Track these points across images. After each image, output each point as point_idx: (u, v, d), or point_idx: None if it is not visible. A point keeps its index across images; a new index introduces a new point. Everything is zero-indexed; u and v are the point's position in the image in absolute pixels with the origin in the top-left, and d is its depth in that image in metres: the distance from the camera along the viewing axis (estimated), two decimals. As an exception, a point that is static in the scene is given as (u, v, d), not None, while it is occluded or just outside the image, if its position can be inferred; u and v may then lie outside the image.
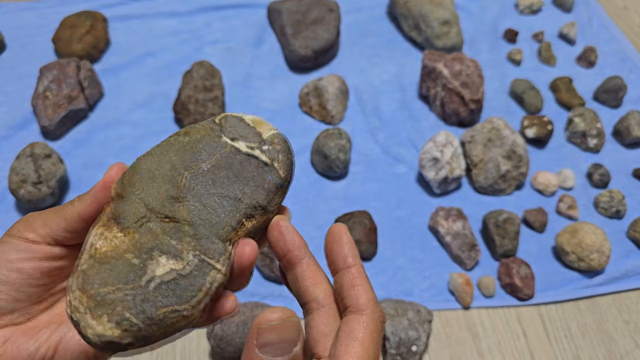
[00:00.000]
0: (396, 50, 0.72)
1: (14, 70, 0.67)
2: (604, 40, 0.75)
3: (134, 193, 0.19)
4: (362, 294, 0.19)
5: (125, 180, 0.19)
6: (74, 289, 0.18)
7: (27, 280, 0.20)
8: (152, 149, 0.20)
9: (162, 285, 0.17)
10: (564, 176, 0.59)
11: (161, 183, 0.19)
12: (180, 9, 0.75)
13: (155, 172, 0.19)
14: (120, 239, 0.18)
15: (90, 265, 0.18)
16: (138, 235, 0.18)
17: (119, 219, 0.18)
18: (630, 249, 0.55)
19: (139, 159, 0.20)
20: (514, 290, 0.50)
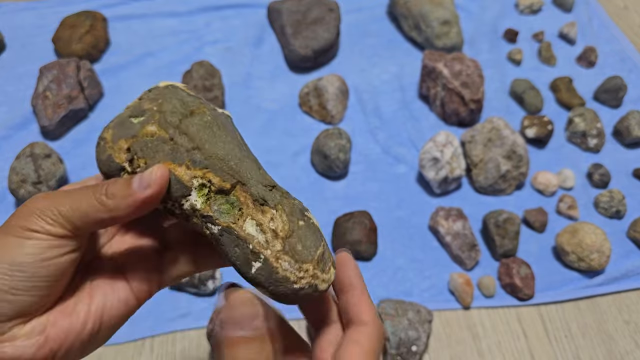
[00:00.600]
0: (396, 50, 0.72)
1: (13, 70, 0.67)
2: (604, 40, 0.75)
3: (249, 178, 0.21)
4: (366, 310, 0.21)
5: (230, 171, 0.20)
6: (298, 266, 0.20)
7: (47, 281, 0.19)
8: (194, 134, 0.21)
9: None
10: (564, 176, 0.59)
11: (250, 163, 0.21)
12: (180, 9, 0.75)
13: (238, 156, 0.21)
14: (280, 216, 0.20)
15: (290, 245, 0.20)
16: (282, 207, 0.21)
17: (265, 202, 0.20)
18: (630, 249, 0.55)
19: (204, 151, 0.20)
20: (514, 290, 0.50)
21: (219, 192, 0.20)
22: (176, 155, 0.20)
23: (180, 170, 0.20)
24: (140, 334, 0.47)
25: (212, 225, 0.20)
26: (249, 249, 0.20)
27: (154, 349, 0.47)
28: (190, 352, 0.47)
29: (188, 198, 0.20)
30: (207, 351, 0.47)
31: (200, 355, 0.47)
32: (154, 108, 0.21)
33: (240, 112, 0.65)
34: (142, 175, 0.19)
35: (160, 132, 0.20)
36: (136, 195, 0.18)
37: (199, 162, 0.20)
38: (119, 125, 0.21)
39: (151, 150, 0.20)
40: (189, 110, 0.21)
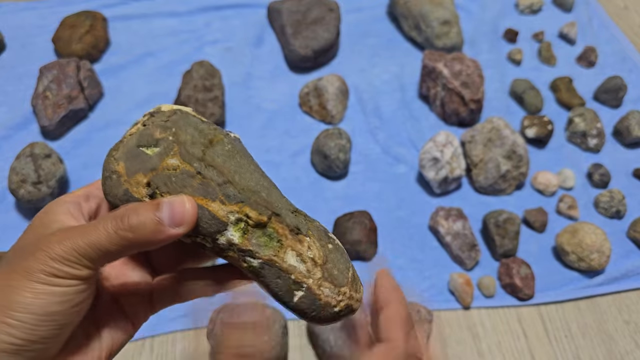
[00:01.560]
0: (396, 50, 0.72)
1: (13, 70, 0.67)
2: (604, 40, 0.75)
3: (280, 208, 0.21)
4: (393, 328, 0.22)
5: (263, 203, 0.20)
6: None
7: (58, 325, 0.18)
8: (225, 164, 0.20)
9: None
10: (564, 176, 0.59)
11: (276, 190, 0.21)
12: (180, 9, 0.75)
13: (265, 185, 0.21)
14: (314, 242, 0.21)
15: (328, 271, 0.21)
16: (312, 233, 0.21)
17: (300, 231, 0.21)
18: (630, 249, 0.55)
19: (229, 186, 0.20)
20: (514, 291, 0.50)
21: (256, 225, 0.20)
22: (207, 190, 0.19)
23: (215, 205, 0.19)
24: (140, 333, 0.47)
25: (252, 259, 0.20)
26: (291, 280, 0.20)
27: (154, 348, 0.47)
28: (190, 352, 0.47)
29: (224, 233, 0.19)
30: (206, 351, 0.47)
31: (200, 355, 0.47)
32: (170, 138, 0.20)
33: (240, 112, 0.65)
34: (172, 210, 0.18)
35: (184, 165, 0.19)
36: (167, 232, 0.17)
37: (233, 197, 0.19)
38: (131, 157, 0.20)
39: (177, 185, 0.19)
40: (208, 139, 0.21)
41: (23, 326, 0.16)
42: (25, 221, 0.55)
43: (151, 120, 0.21)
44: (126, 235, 0.17)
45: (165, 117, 0.21)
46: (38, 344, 0.17)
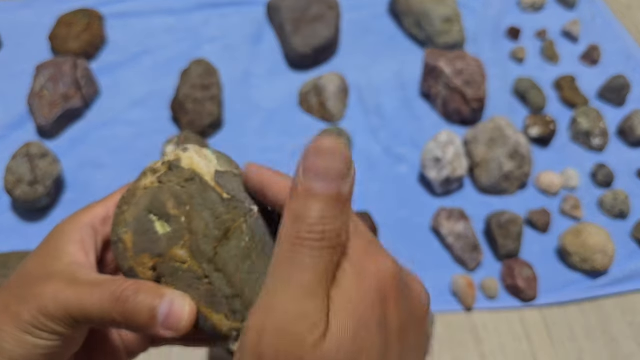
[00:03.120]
0: (397, 48, 0.72)
1: (9, 68, 0.67)
2: (608, 38, 0.74)
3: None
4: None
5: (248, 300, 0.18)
6: None
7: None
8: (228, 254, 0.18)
9: None
10: (568, 176, 0.59)
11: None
12: (177, 6, 0.75)
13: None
14: None
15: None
16: None
17: None
18: (634, 249, 0.54)
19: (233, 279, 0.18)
20: (517, 292, 0.50)
21: None
22: (214, 300, 0.18)
23: (217, 318, 0.18)
24: (138, 336, 0.47)
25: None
26: None
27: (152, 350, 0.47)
28: (188, 353, 0.46)
29: (225, 344, 0.18)
30: (206, 352, 0.46)
31: (198, 356, 0.46)
32: (182, 219, 0.18)
33: (239, 110, 0.64)
34: (170, 311, 0.17)
35: (191, 263, 0.18)
36: (155, 330, 0.17)
37: (239, 313, 0.18)
38: (140, 231, 0.18)
39: (183, 284, 0.18)
40: (224, 229, 0.18)
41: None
42: (22, 221, 0.54)
43: (168, 179, 0.19)
44: (117, 317, 0.17)
45: (182, 180, 0.19)
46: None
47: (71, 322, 0.17)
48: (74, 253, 0.19)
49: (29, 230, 0.53)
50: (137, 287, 0.17)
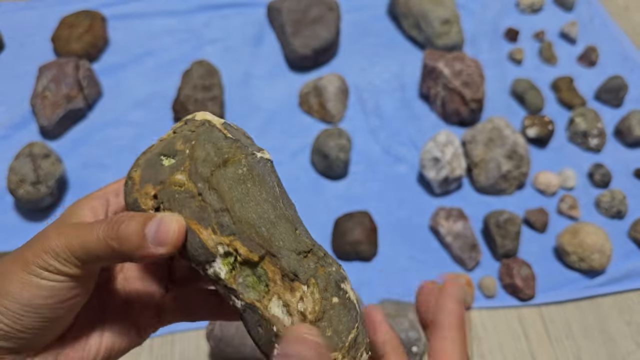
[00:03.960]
0: (397, 50, 0.72)
1: (12, 69, 0.67)
2: (605, 39, 0.74)
3: (280, 247, 0.19)
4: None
5: (260, 239, 0.18)
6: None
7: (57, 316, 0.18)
8: (229, 193, 0.19)
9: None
10: (565, 176, 0.59)
11: (285, 224, 0.19)
12: (179, 8, 0.75)
13: (271, 219, 0.19)
14: (312, 293, 0.18)
15: (318, 328, 0.18)
16: (315, 281, 0.19)
17: (297, 277, 0.18)
18: (631, 249, 0.54)
19: (234, 213, 0.18)
20: (515, 291, 0.50)
21: (245, 263, 0.18)
22: (203, 215, 0.18)
23: (206, 233, 0.18)
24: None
25: (236, 299, 0.18)
26: (272, 332, 0.18)
27: (153, 350, 0.47)
28: (189, 352, 0.47)
29: (212, 265, 0.18)
30: (206, 352, 0.47)
31: (200, 356, 0.47)
32: (186, 151, 0.19)
33: (239, 111, 0.65)
34: (158, 228, 0.17)
35: (188, 185, 0.19)
36: (148, 250, 0.17)
37: (226, 227, 0.18)
38: (148, 166, 0.19)
39: (178, 204, 0.18)
40: (223, 158, 0.19)
41: (9, 314, 0.17)
42: (24, 221, 0.54)
43: (182, 128, 0.20)
44: (112, 244, 0.17)
45: (193, 126, 0.20)
46: (25, 333, 0.17)
47: (73, 259, 0.17)
48: (83, 215, 0.19)
49: (31, 230, 0.54)
50: (130, 215, 0.18)
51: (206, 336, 0.45)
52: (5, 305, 0.17)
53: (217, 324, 0.44)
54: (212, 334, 0.44)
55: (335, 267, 0.20)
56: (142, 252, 0.17)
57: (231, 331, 0.44)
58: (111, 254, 0.18)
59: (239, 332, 0.44)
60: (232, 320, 0.23)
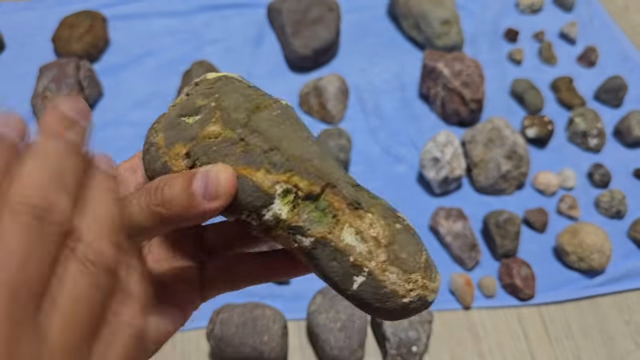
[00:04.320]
0: (396, 50, 0.72)
1: (13, 69, 0.67)
2: (604, 39, 0.75)
3: (337, 178, 0.18)
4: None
5: (316, 172, 0.17)
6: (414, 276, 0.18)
7: None
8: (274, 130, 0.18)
9: None
10: (565, 176, 0.59)
11: (332, 160, 0.19)
12: (179, 9, 0.75)
13: (319, 153, 0.18)
14: (378, 225, 0.18)
15: (394, 253, 0.18)
16: (375, 209, 0.18)
17: (360, 205, 0.18)
18: (630, 249, 0.54)
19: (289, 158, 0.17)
20: (515, 291, 0.50)
21: (307, 197, 0.17)
22: (251, 158, 0.17)
23: (259, 175, 0.17)
24: (140, 334, 0.47)
25: (302, 237, 0.17)
26: (349, 262, 0.17)
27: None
28: (189, 352, 0.47)
29: (270, 207, 0.17)
30: (206, 352, 0.47)
31: (200, 356, 0.47)
32: (212, 104, 0.18)
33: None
34: (207, 182, 0.16)
35: (225, 133, 0.17)
36: (201, 207, 0.16)
37: (280, 165, 0.17)
38: (170, 128, 0.18)
39: (218, 154, 0.17)
40: (254, 104, 0.18)
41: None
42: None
43: (195, 90, 0.19)
44: (159, 210, 0.16)
45: (209, 84, 0.19)
46: None
47: (121, 240, 0.16)
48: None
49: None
50: (168, 178, 0.16)
51: (206, 336, 0.45)
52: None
53: (217, 324, 0.44)
54: (212, 334, 0.44)
55: (385, 200, 0.19)
56: (195, 210, 0.16)
57: (231, 331, 0.44)
58: (159, 222, 0.16)
59: (239, 332, 0.44)
60: (282, 277, 0.21)
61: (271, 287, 0.51)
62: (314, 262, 0.18)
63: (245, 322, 0.44)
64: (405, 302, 0.17)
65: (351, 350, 0.44)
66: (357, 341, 0.45)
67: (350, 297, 0.18)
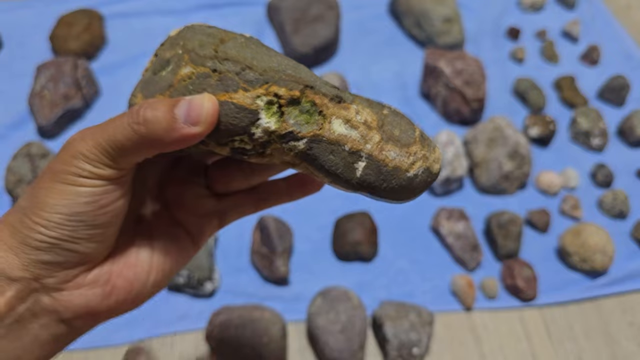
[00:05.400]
0: (397, 48, 0.72)
1: (10, 68, 0.67)
2: (607, 38, 0.74)
3: (314, 81, 0.18)
4: None
5: (292, 78, 0.18)
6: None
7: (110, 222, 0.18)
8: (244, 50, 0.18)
9: None
10: (567, 176, 0.59)
11: (305, 69, 0.19)
12: (177, 7, 0.75)
13: (291, 65, 0.18)
14: (364, 112, 0.18)
15: (387, 133, 0.18)
16: (359, 102, 0.19)
17: (342, 99, 0.18)
18: (633, 249, 0.54)
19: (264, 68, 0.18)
20: (517, 292, 0.50)
21: (290, 103, 0.17)
22: (227, 83, 0.17)
23: (238, 96, 0.17)
24: (138, 335, 0.47)
25: (296, 142, 0.17)
26: (345, 151, 0.17)
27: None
28: (189, 353, 0.47)
29: (258, 123, 0.17)
30: (206, 354, 0.46)
31: (200, 358, 0.46)
32: (179, 52, 0.19)
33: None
34: (189, 107, 0.16)
35: (197, 69, 0.18)
36: (182, 132, 0.16)
37: (255, 81, 0.17)
38: (147, 85, 0.19)
39: (196, 92, 0.17)
40: (219, 38, 0.18)
41: (51, 225, 0.17)
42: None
43: (162, 48, 0.20)
44: (139, 129, 0.16)
45: (173, 38, 0.20)
46: (70, 242, 0.17)
47: (104, 158, 0.17)
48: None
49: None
50: (152, 101, 0.17)
51: (205, 338, 0.45)
52: (45, 218, 0.17)
53: (217, 326, 0.44)
54: (211, 335, 0.44)
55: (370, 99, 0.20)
56: (175, 133, 0.16)
57: (230, 333, 0.43)
58: (139, 142, 0.17)
59: (238, 333, 0.43)
60: (292, 200, 0.22)
61: (270, 288, 0.50)
62: (314, 164, 0.18)
63: (244, 324, 0.43)
64: (411, 175, 0.18)
65: (351, 352, 0.44)
66: (357, 343, 0.44)
67: (358, 186, 0.18)
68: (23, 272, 0.17)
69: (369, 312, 0.48)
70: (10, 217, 0.18)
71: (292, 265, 0.52)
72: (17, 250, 0.17)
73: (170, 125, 0.16)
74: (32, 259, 0.17)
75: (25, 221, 0.17)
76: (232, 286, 0.50)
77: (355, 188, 0.18)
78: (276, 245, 0.49)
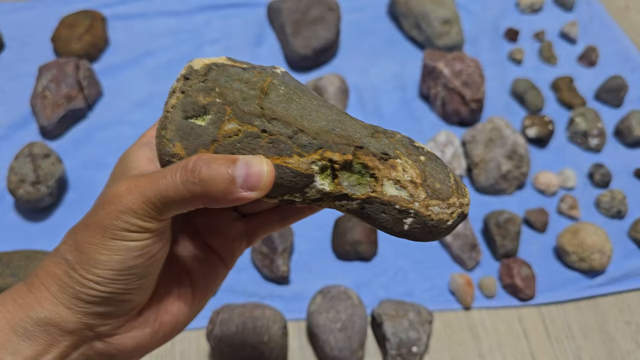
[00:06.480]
0: (397, 50, 0.72)
1: (12, 69, 0.67)
2: (605, 39, 0.75)
3: (360, 138, 0.19)
4: None
5: (342, 140, 0.18)
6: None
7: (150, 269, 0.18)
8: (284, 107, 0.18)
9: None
10: (565, 176, 0.59)
11: (346, 118, 0.19)
12: (179, 8, 0.75)
13: (336, 118, 0.19)
14: (409, 167, 0.19)
15: (430, 187, 0.19)
16: (400, 152, 0.19)
17: (388, 155, 0.19)
18: (631, 249, 0.54)
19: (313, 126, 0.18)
20: (515, 291, 0.50)
21: (343, 167, 0.18)
22: (279, 147, 0.18)
23: (293, 161, 0.18)
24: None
25: (349, 202, 0.18)
26: (396, 210, 0.18)
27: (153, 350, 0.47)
28: (189, 353, 0.47)
29: (313, 185, 0.18)
30: (206, 352, 0.47)
31: (200, 356, 0.47)
32: (217, 100, 0.18)
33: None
34: (248, 172, 0.16)
35: (245, 127, 0.18)
36: (237, 194, 0.16)
37: (309, 145, 0.18)
38: (185, 135, 0.18)
39: (246, 151, 0.18)
40: (258, 88, 0.18)
41: (105, 281, 0.17)
42: (24, 221, 0.54)
43: (188, 85, 0.19)
44: (194, 189, 0.16)
45: (201, 77, 0.19)
46: (123, 294, 0.18)
47: (153, 212, 0.17)
48: (141, 165, 0.19)
49: (31, 230, 0.54)
50: (208, 157, 0.17)
51: (206, 336, 0.45)
52: (98, 274, 0.17)
53: (217, 324, 0.44)
54: (212, 334, 0.44)
55: (398, 134, 0.20)
56: (231, 196, 0.16)
57: (231, 331, 0.44)
58: (191, 199, 0.16)
59: (239, 332, 0.44)
60: (314, 212, 0.23)
61: (271, 287, 0.50)
62: (364, 218, 0.19)
63: (245, 322, 0.44)
64: (450, 224, 0.19)
65: (351, 351, 0.44)
66: (357, 341, 0.44)
67: (403, 236, 0.19)
68: (77, 325, 0.17)
69: (369, 311, 0.49)
70: (55, 269, 0.17)
71: (292, 264, 0.52)
72: (68, 304, 0.17)
73: (228, 188, 0.16)
74: (86, 312, 0.17)
75: (75, 277, 0.17)
76: (232, 285, 0.50)
77: (399, 236, 0.20)
78: (277, 244, 0.49)
